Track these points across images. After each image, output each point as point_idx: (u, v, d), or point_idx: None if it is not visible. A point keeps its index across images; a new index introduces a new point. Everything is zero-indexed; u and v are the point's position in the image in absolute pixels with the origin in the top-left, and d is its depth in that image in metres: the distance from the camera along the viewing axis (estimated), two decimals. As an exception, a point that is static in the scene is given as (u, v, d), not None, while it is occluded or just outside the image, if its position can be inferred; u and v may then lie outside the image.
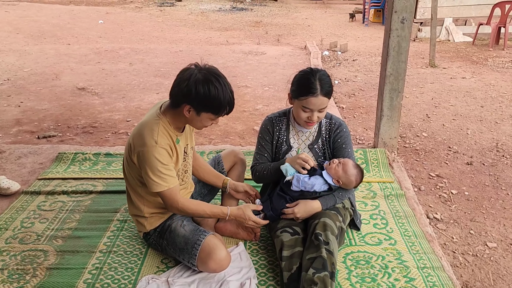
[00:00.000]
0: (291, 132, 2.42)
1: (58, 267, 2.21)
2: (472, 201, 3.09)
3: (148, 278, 2.11)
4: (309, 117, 2.23)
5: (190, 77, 1.93)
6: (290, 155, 2.39)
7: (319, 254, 1.98)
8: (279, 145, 2.42)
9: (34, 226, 2.56)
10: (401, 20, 3.15)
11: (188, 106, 1.98)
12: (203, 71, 1.96)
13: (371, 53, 7.93)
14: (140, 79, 6.12)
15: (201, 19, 12.30)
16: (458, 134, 4.23)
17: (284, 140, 2.41)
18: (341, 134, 2.39)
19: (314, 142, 2.41)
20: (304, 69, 2.29)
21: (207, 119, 2.03)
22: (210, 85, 1.92)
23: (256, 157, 2.46)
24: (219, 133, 4.23)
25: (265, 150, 2.44)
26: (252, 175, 2.47)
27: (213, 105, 1.96)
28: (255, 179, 2.47)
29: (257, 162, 2.45)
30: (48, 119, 4.54)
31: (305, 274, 1.93)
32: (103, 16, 12.24)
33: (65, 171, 3.20)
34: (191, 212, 2.12)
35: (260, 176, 2.41)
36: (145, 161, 1.99)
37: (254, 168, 2.44)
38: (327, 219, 2.13)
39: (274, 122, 2.44)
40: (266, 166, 2.38)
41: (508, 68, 6.74)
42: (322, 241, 2.02)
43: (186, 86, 1.93)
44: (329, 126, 2.41)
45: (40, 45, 8.35)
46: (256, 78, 6.21)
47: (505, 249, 2.58)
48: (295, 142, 2.42)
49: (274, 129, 2.43)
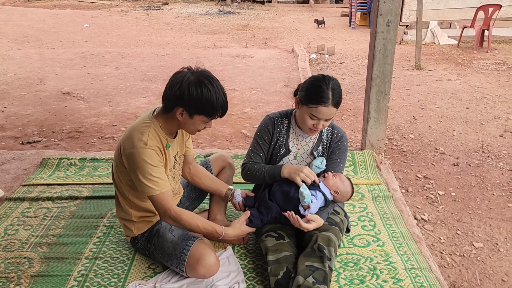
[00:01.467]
0: (291, 136, 2.36)
1: (43, 275, 2.17)
2: (459, 201, 3.12)
3: (135, 284, 2.08)
4: (315, 124, 2.16)
5: (183, 80, 1.91)
6: (287, 159, 2.35)
7: (322, 268, 1.97)
8: (277, 148, 2.36)
9: (18, 233, 2.51)
10: (386, 23, 3.17)
11: (181, 109, 1.96)
12: (196, 74, 1.94)
13: (358, 56, 7.99)
14: (126, 83, 6.07)
15: (188, 22, 12.28)
16: (444, 136, 4.27)
17: (283, 143, 2.35)
18: (340, 147, 2.35)
19: (314, 148, 2.36)
20: (317, 75, 2.19)
21: (200, 122, 2.01)
22: (203, 87, 1.90)
23: (251, 154, 2.38)
24: (206, 137, 4.21)
25: (261, 150, 2.37)
26: (242, 172, 2.39)
27: (206, 108, 1.94)
28: (244, 177, 2.40)
29: (250, 160, 2.37)
30: (32, 124, 4.48)
31: (304, 280, 1.91)
32: (89, 20, 12.14)
33: (50, 177, 3.15)
34: (183, 223, 2.06)
35: (251, 176, 2.35)
36: (135, 163, 1.97)
37: (247, 166, 2.36)
38: (332, 235, 2.12)
39: (275, 123, 2.36)
40: (260, 167, 2.31)
41: (492, 70, 6.84)
42: (326, 255, 2.01)
43: (178, 89, 1.91)
44: (331, 135, 2.36)
45: (24, 49, 8.25)
46: (243, 82, 6.21)
47: (491, 249, 2.61)
48: (294, 146, 2.36)
49: (274, 130, 2.35)
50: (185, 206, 2.49)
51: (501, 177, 3.46)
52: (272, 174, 2.25)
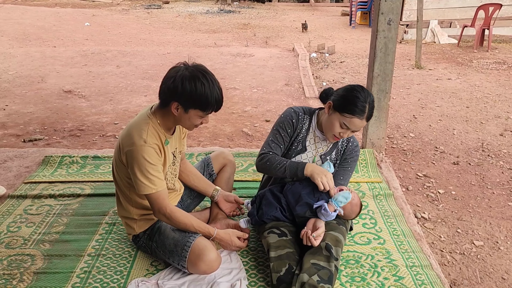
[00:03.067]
0: (309, 135, 2.33)
1: (46, 272, 2.18)
2: (459, 200, 3.13)
3: (138, 281, 2.10)
4: (341, 133, 2.14)
5: (176, 74, 1.93)
6: (300, 157, 2.32)
7: (328, 268, 1.97)
8: (295, 143, 2.33)
9: (20, 231, 2.52)
10: (387, 22, 3.18)
11: (175, 104, 1.96)
12: (190, 68, 1.95)
13: (358, 55, 7.99)
14: (127, 82, 6.08)
15: (189, 21, 12.28)
16: (445, 135, 4.29)
17: (301, 141, 2.32)
18: (353, 156, 2.34)
19: (327, 153, 2.34)
20: (355, 85, 2.15)
21: (196, 116, 2.01)
22: (197, 81, 1.91)
23: (271, 145, 2.30)
24: (208, 135, 4.22)
25: (283, 142, 2.30)
26: (259, 161, 2.29)
27: (200, 101, 1.94)
28: (260, 167, 2.31)
29: (270, 151, 2.29)
30: (34, 122, 4.49)
31: (309, 278, 1.91)
32: (90, 18, 12.14)
33: (52, 175, 3.16)
34: (178, 222, 2.08)
35: (269, 167, 2.25)
36: (133, 160, 1.98)
37: (266, 156, 2.27)
38: (340, 236, 2.12)
39: (300, 118, 2.31)
40: (281, 160, 2.24)
41: (492, 69, 6.85)
42: (333, 255, 2.02)
43: (172, 83, 1.93)
44: (347, 142, 2.35)
45: (25, 47, 8.25)
46: (244, 80, 6.22)
47: (492, 247, 2.62)
48: (309, 146, 2.34)
49: (298, 125, 2.30)
50: (187, 203, 2.50)
51: (501, 176, 3.47)
52: (295, 169, 2.20)
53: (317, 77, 6.44)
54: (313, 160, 2.34)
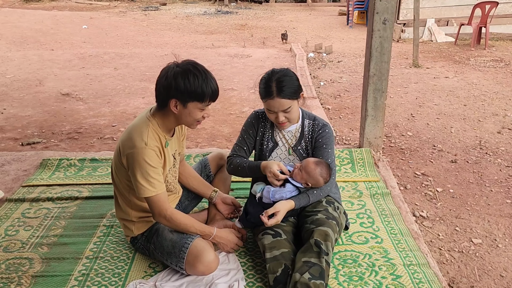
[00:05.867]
0: (275, 130, 2.41)
1: (44, 275, 2.18)
2: (457, 198, 3.13)
3: (136, 283, 2.10)
4: (275, 118, 2.24)
5: (168, 71, 1.99)
6: (276, 153, 2.39)
7: (319, 263, 1.98)
8: (265, 142, 2.40)
9: (18, 234, 2.52)
10: (383, 21, 3.19)
11: (174, 101, 1.98)
12: (181, 64, 2.01)
13: (356, 54, 8.00)
14: (125, 84, 6.08)
15: (186, 22, 12.28)
16: (442, 133, 4.29)
17: (269, 138, 2.40)
18: (323, 135, 2.37)
19: (297, 144, 2.40)
20: (267, 71, 2.28)
21: (196, 110, 2.02)
22: (190, 74, 1.95)
23: (235, 148, 2.43)
24: (205, 136, 4.23)
25: (246, 144, 2.43)
26: (227, 165, 2.45)
27: (196, 93, 1.96)
28: (228, 171, 2.46)
29: (234, 153, 2.42)
30: (32, 126, 4.49)
31: (300, 277, 1.92)
32: (87, 21, 12.13)
33: (50, 178, 3.16)
34: (178, 223, 2.10)
35: (234, 169, 2.40)
36: (134, 163, 1.98)
37: (231, 159, 2.41)
38: (329, 230, 2.12)
39: (260, 117, 2.43)
40: (242, 162, 2.36)
41: (490, 67, 6.86)
42: (323, 250, 2.02)
43: (166, 81, 1.97)
44: (312, 127, 2.40)
45: (23, 51, 8.25)
46: (242, 81, 6.22)
47: (490, 245, 2.62)
48: (280, 140, 2.40)
49: (259, 125, 2.42)
50: (185, 205, 2.51)
51: (499, 174, 3.48)
52: (253, 170, 2.31)
53: (314, 77, 6.44)
54: (288, 153, 2.39)
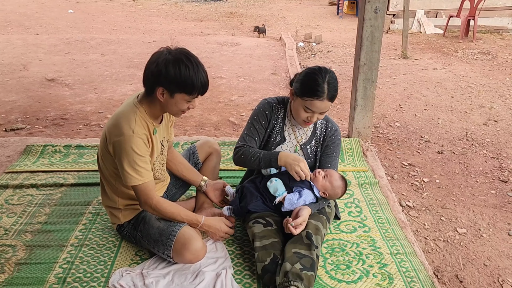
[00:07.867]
0: (286, 125, 2.32)
1: (28, 262, 2.14)
2: (443, 188, 3.16)
3: (122, 270, 2.07)
4: (308, 117, 2.13)
5: (159, 58, 1.90)
6: (281, 148, 2.32)
7: (310, 255, 1.98)
8: (273, 135, 2.31)
9: (1, 221, 2.47)
10: (374, 10, 3.17)
11: (161, 89, 1.93)
12: (173, 52, 1.92)
13: (345, 44, 7.99)
14: (112, 70, 5.98)
15: (175, 9, 12.11)
16: (430, 124, 4.32)
17: (279, 131, 2.31)
18: (334, 140, 2.33)
19: (307, 142, 2.33)
20: (313, 67, 2.13)
21: (182, 101, 1.97)
22: (181, 64, 1.88)
23: (245, 138, 2.29)
24: (194, 124, 4.19)
25: (257, 134, 2.29)
26: (235, 155, 2.29)
27: (186, 85, 1.90)
28: (236, 161, 2.30)
29: (244, 144, 2.28)
30: (16, 111, 4.39)
31: (291, 267, 1.91)
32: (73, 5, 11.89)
33: (34, 164, 3.10)
34: (165, 211, 2.07)
35: (244, 160, 2.25)
36: (121, 151, 1.94)
37: (241, 149, 2.26)
38: (320, 224, 2.13)
39: (274, 108, 2.30)
40: (255, 152, 2.22)
41: (477, 60, 6.91)
42: (314, 244, 2.02)
43: (156, 67, 1.90)
44: (325, 128, 2.34)
45: (6, 35, 8.05)
46: (231, 69, 6.17)
47: (474, 234, 2.66)
48: (288, 135, 2.32)
49: (272, 116, 2.29)
50: (172, 192, 2.48)
51: (484, 165, 3.52)
52: (269, 160, 2.19)
53: (304, 66, 6.41)
54: (294, 150, 2.33)
